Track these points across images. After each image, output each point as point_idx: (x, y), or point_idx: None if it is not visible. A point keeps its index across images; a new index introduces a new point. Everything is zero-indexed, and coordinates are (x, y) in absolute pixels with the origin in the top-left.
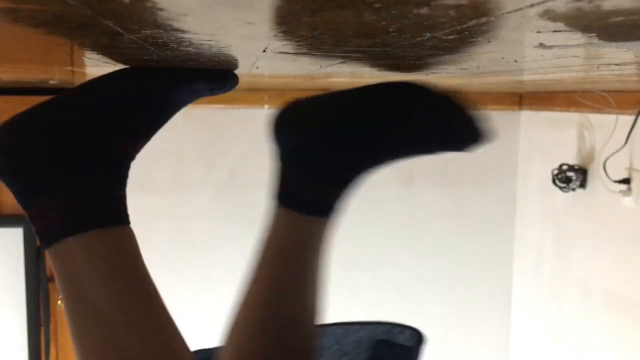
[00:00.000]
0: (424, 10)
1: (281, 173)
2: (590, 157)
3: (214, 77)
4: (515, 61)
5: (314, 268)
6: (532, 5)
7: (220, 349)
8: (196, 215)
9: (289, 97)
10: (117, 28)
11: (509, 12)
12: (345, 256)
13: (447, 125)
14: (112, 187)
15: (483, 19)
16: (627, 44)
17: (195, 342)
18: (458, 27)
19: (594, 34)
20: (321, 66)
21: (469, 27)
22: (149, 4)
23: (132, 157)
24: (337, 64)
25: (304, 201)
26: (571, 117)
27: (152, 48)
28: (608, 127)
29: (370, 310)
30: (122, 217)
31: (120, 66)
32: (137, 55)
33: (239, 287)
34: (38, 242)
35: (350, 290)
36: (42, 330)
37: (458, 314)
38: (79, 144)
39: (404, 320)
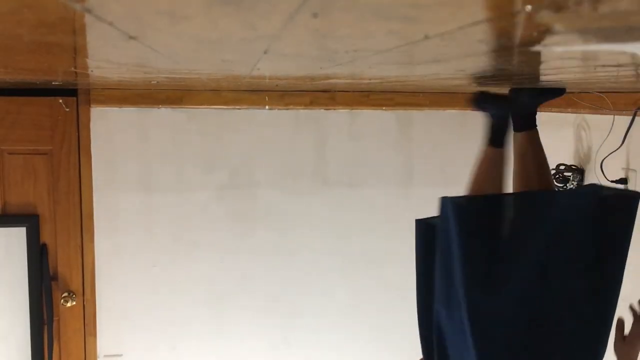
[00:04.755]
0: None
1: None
2: (588, 157)
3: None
4: (513, 63)
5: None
6: (530, 8)
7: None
8: (196, 214)
9: (290, 99)
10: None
11: (507, 14)
12: (346, 255)
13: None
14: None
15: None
16: (624, 45)
17: (195, 335)
18: (455, 28)
19: (591, 36)
20: (321, 68)
21: (467, 27)
22: None
23: None
24: (338, 65)
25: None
26: (568, 118)
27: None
28: (605, 127)
29: (372, 308)
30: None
31: (120, 66)
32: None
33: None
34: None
35: (352, 289)
36: (45, 328)
37: None
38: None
39: (404, 319)
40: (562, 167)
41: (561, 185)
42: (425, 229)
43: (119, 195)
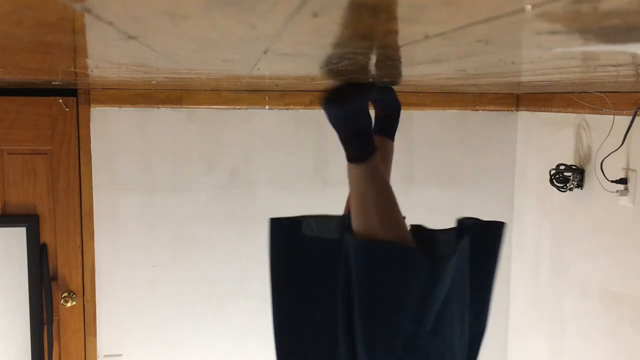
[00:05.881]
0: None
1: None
2: (588, 157)
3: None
4: (513, 63)
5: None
6: (530, 8)
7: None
8: (196, 214)
9: (290, 99)
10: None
11: (507, 14)
12: None
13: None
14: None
15: (481, 20)
16: (624, 45)
17: (195, 336)
18: (454, 27)
19: (591, 36)
20: (321, 68)
21: (467, 27)
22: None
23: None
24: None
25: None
26: (568, 118)
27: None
28: (605, 127)
29: None
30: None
31: (120, 66)
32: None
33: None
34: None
35: None
36: (45, 328)
37: None
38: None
39: None
40: (562, 167)
41: (561, 185)
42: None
43: (118, 195)
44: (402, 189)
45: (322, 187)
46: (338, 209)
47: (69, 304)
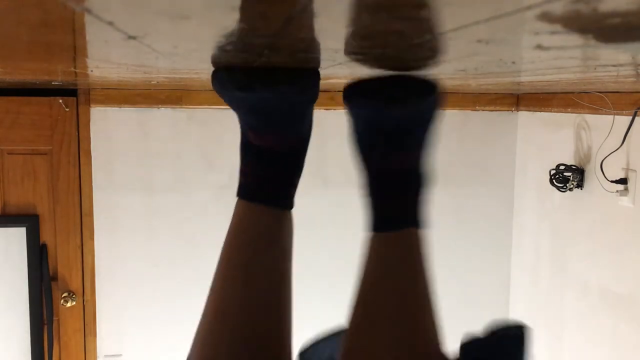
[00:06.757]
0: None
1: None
2: (588, 157)
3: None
4: (513, 63)
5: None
6: (529, 7)
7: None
8: (197, 214)
9: None
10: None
11: (507, 14)
12: (345, 256)
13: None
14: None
15: (481, 20)
16: (624, 45)
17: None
18: (454, 27)
19: (591, 36)
20: (321, 68)
21: (467, 27)
22: None
23: None
24: (337, 64)
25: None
26: (568, 118)
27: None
28: (605, 127)
29: None
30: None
31: (120, 66)
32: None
33: None
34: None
35: (352, 290)
36: (45, 328)
37: (456, 313)
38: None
39: None
40: (562, 167)
41: (561, 185)
42: None
43: (119, 195)
44: None
45: (322, 187)
46: (338, 209)
47: (69, 304)
